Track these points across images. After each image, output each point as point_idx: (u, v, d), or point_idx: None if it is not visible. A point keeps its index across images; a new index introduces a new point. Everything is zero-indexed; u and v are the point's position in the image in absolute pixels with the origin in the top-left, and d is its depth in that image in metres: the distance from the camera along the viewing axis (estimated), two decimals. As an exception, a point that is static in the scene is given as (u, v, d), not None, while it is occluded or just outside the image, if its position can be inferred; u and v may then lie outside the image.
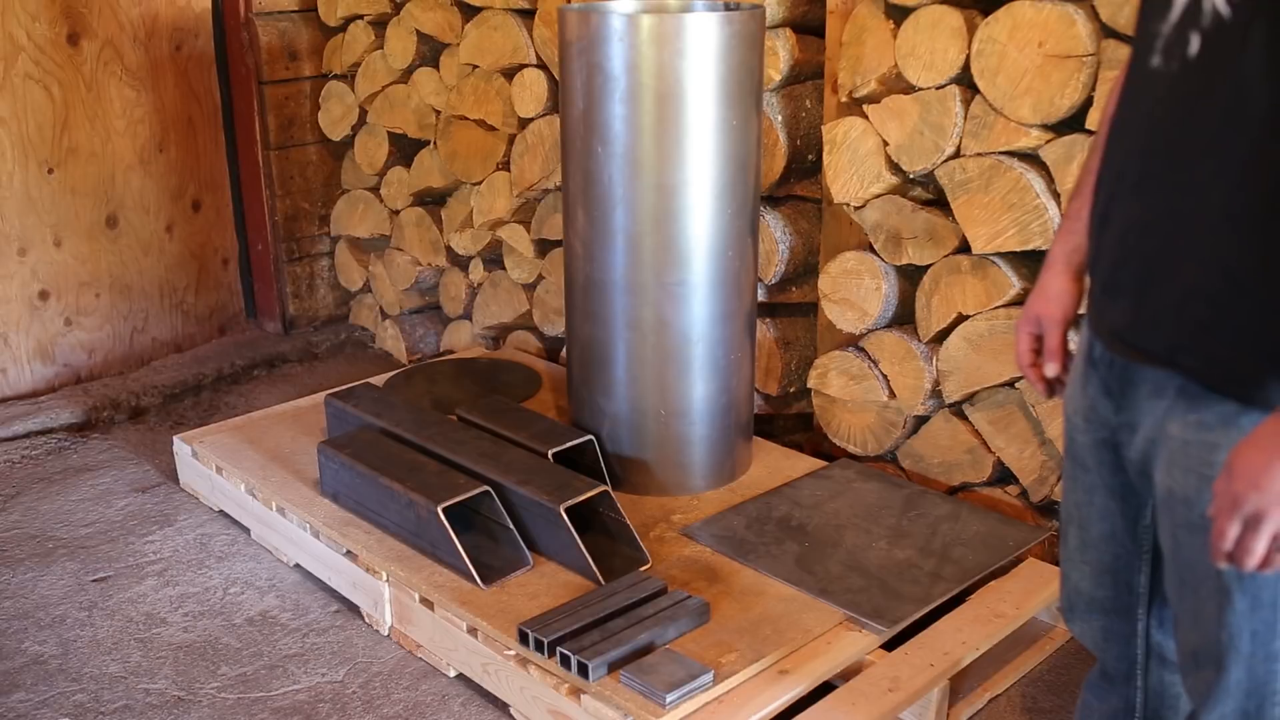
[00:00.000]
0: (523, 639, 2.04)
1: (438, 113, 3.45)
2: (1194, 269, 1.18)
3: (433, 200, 3.66)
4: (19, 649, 2.33)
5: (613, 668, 1.94)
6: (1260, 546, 1.10)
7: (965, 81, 2.35)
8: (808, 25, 2.73)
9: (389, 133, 3.63)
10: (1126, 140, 1.27)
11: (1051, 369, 1.50)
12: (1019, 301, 2.40)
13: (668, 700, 1.85)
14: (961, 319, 2.47)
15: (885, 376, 2.63)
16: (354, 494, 2.49)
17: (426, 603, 2.24)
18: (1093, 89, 2.16)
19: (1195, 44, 1.14)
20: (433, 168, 3.53)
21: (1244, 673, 1.28)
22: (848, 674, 2.04)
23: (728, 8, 2.53)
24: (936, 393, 2.57)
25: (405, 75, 3.51)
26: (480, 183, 3.36)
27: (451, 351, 3.71)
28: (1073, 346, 1.51)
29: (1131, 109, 1.26)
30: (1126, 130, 1.28)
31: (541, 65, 3.09)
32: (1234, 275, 1.15)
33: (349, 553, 2.41)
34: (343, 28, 3.70)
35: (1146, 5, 1.23)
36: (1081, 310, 1.47)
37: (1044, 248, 2.30)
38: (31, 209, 3.41)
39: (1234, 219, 1.13)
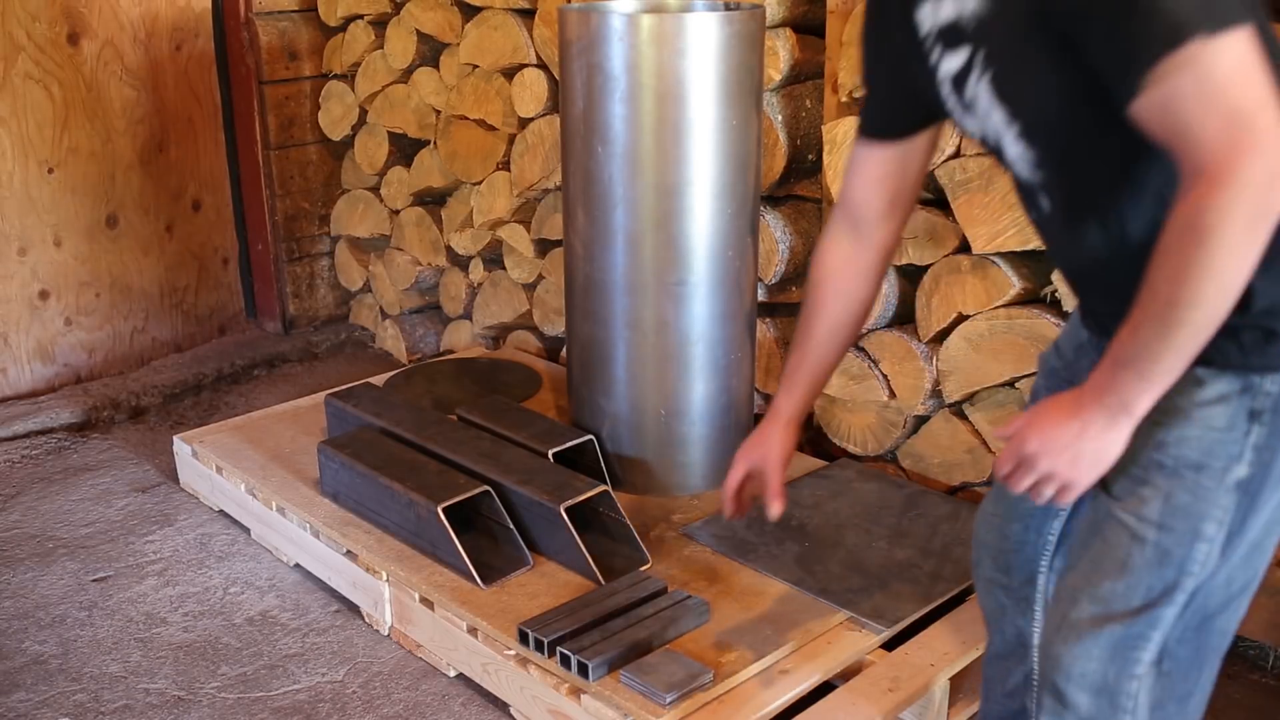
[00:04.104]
0: (523, 639, 2.04)
1: (438, 113, 3.45)
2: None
3: (433, 200, 3.67)
4: (19, 649, 2.33)
5: (613, 668, 1.94)
6: (1025, 483, 1.30)
7: (965, 81, 2.34)
8: (808, 25, 2.73)
9: (389, 132, 3.63)
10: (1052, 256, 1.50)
11: (776, 508, 1.68)
12: (1019, 301, 2.40)
13: (668, 700, 1.85)
14: (961, 319, 2.47)
15: (885, 376, 2.63)
16: (354, 494, 2.49)
17: (426, 603, 2.24)
18: (1093, 89, 2.16)
19: (1045, 205, 1.36)
20: (433, 168, 3.53)
21: (1123, 629, 1.35)
22: (848, 674, 2.04)
23: (728, 8, 2.53)
24: (936, 392, 2.57)
25: (405, 75, 3.51)
26: (480, 183, 3.36)
27: (451, 351, 3.71)
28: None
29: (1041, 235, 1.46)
30: (1049, 249, 1.49)
31: (541, 65, 3.09)
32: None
33: (349, 553, 2.41)
34: (343, 27, 3.70)
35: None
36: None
37: (1044, 247, 2.29)
38: (31, 209, 3.41)
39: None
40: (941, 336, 2.52)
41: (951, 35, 1.29)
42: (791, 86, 2.74)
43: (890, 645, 2.09)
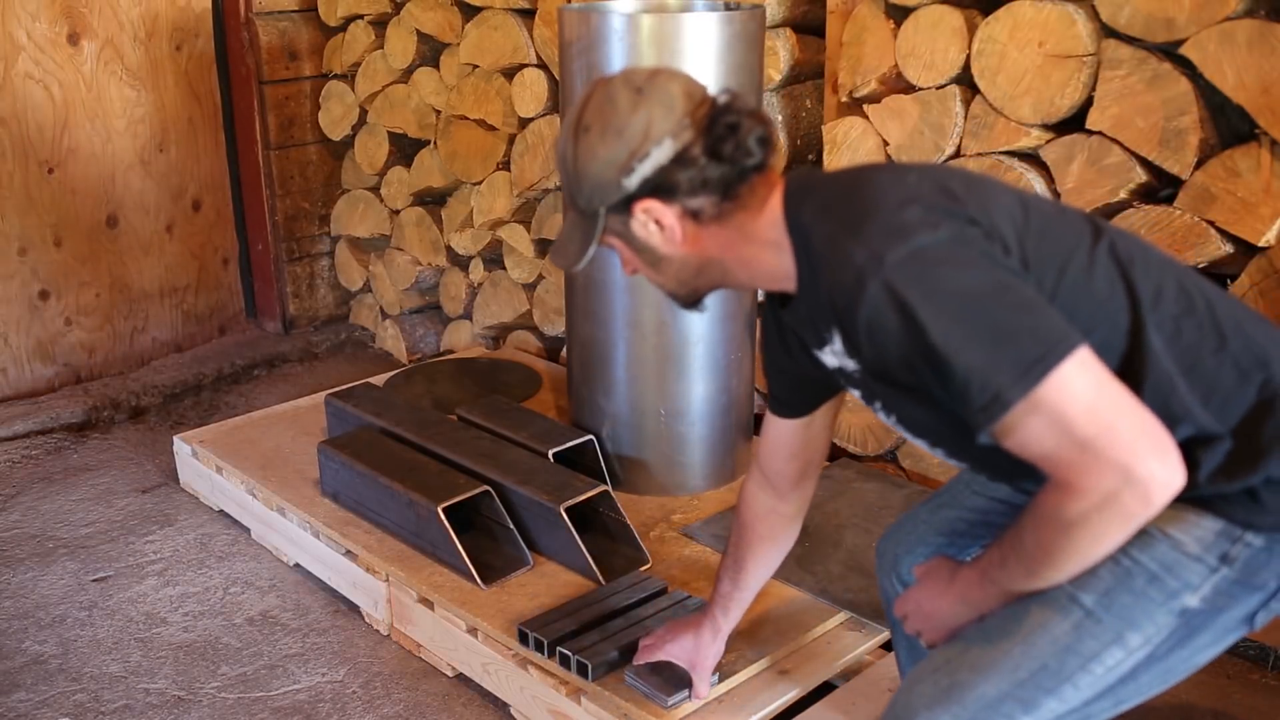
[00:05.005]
0: (523, 639, 2.04)
1: (438, 112, 3.45)
2: None
3: (433, 200, 3.66)
4: (19, 649, 2.33)
5: (613, 668, 1.94)
6: (910, 631, 1.49)
7: (966, 81, 2.35)
8: (808, 25, 2.73)
9: (389, 132, 3.63)
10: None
11: (699, 699, 1.88)
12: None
13: (670, 702, 1.85)
14: (961, 319, 2.46)
15: (885, 376, 2.62)
16: (354, 494, 2.49)
17: (426, 603, 2.24)
18: (1093, 89, 2.16)
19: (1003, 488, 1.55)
20: (433, 167, 3.53)
21: (995, 695, 1.31)
22: (848, 674, 2.04)
23: (728, 8, 2.53)
24: (936, 393, 2.57)
25: (405, 75, 3.51)
26: (480, 182, 3.36)
27: (451, 351, 3.71)
28: None
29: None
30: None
31: (541, 65, 3.09)
32: None
33: (349, 553, 2.41)
34: (343, 27, 3.70)
35: None
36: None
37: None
38: (31, 209, 3.40)
39: None
40: (941, 336, 2.51)
41: (845, 378, 1.37)
42: (791, 86, 2.74)
43: (890, 645, 2.09)
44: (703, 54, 2.32)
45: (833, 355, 1.33)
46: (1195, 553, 1.25)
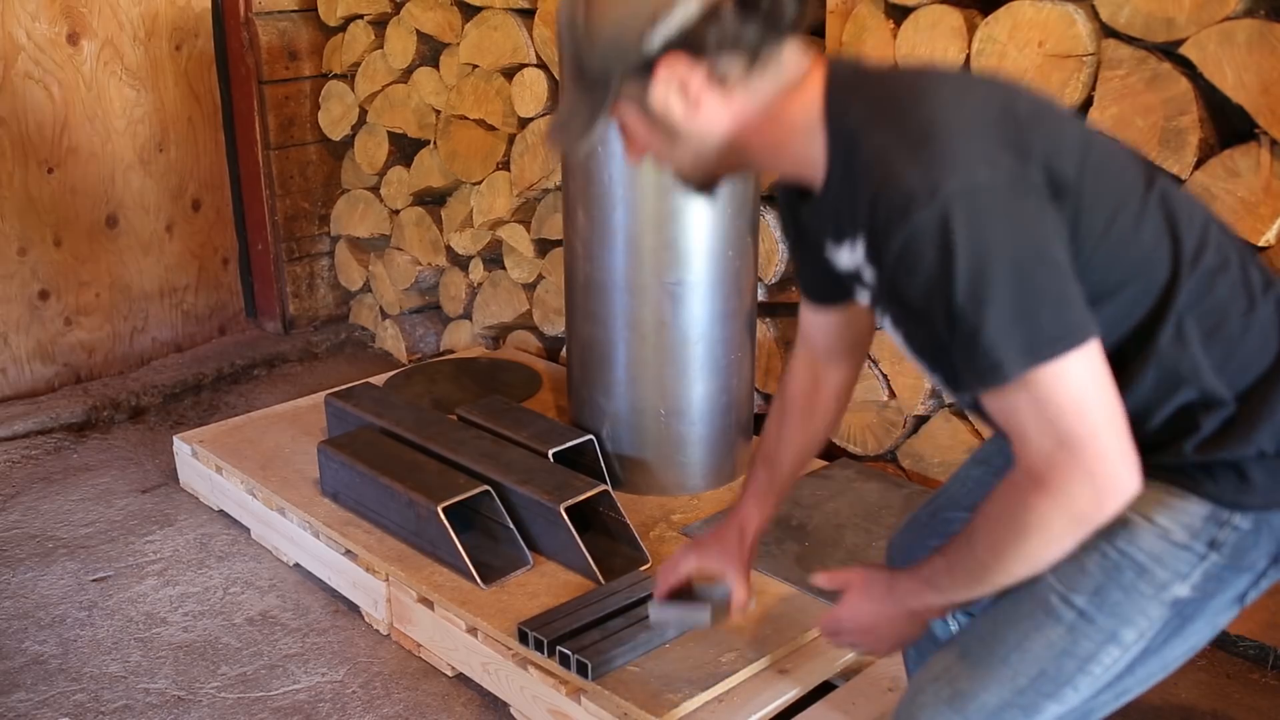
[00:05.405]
0: (523, 638, 2.04)
1: (438, 112, 3.45)
2: None
3: (433, 200, 3.67)
4: (19, 649, 2.33)
5: (612, 668, 1.94)
6: (839, 645, 1.51)
7: (965, 81, 2.35)
8: (807, 25, 2.73)
9: (389, 132, 3.63)
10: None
11: (740, 615, 1.72)
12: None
13: (708, 617, 1.71)
14: (961, 319, 2.46)
15: (885, 376, 2.63)
16: (354, 494, 2.49)
17: (426, 602, 2.24)
18: (1093, 88, 2.16)
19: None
20: (433, 167, 3.53)
21: (996, 704, 1.30)
22: (848, 674, 2.04)
23: (728, 7, 2.53)
24: (936, 392, 2.57)
25: (405, 75, 3.52)
26: (480, 182, 3.36)
27: (451, 351, 3.71)
28: None
29: None
30: None
31: (541, 65, 3.10)
32: None
33: (349, 552, 2.41)
34: (343, 27, 3.70)
35: None
36: None
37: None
38: (31, 209, 3.40)
39: None
40: (941, 336, 2.52)
41: (859, 283, 1.30)
42: (791, 86, 2.74)
43: (890, 645, 2.09)
44: (703, 54, 2.31)
45: (850, 257, 1.26)
46: (1183, 541, 1.23)
